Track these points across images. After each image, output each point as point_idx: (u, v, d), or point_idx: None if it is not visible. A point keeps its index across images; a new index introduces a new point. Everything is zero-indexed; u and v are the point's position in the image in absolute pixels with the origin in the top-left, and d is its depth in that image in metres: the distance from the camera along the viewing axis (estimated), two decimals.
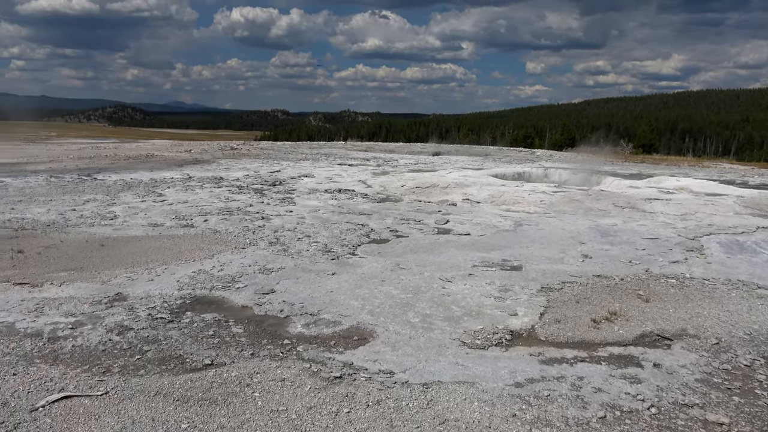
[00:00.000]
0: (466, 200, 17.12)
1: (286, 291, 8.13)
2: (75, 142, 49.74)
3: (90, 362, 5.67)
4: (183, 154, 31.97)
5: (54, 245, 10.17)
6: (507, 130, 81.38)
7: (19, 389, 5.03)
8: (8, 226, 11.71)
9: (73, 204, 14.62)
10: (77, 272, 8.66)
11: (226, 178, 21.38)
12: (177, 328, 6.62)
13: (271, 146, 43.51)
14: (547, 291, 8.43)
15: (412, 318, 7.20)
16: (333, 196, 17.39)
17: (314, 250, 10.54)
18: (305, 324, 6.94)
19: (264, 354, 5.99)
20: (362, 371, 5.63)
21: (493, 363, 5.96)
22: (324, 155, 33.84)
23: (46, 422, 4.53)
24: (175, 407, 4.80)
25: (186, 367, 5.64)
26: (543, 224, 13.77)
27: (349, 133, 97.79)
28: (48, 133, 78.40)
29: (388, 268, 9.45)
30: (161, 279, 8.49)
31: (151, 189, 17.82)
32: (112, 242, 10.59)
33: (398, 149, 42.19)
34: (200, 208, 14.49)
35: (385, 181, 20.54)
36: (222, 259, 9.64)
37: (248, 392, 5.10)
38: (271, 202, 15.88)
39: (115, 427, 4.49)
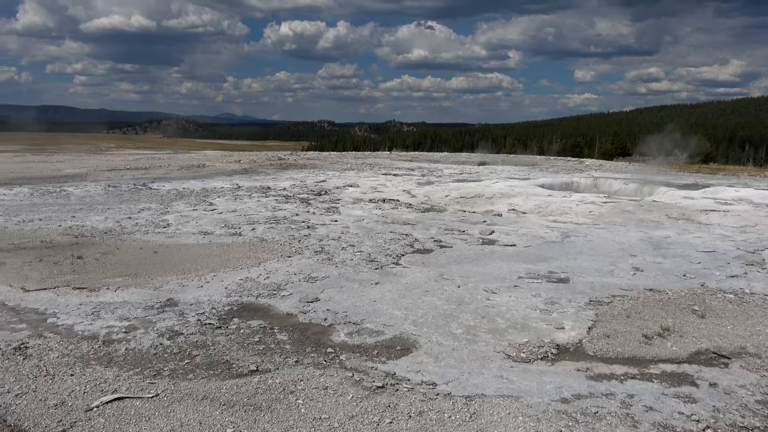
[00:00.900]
0: (512, 210, 16.88)
1: (330, 300, 8.20)
2: (132, 152, 51.96)
3: (142, 365, 5.88)
4: (232, 165, 32.88)
5: (110, 252, 10.62)
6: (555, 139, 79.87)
7: (76, 389, 5.26)
8: (69, 232, 12.31)
9: (129, 212, 15.25)
10: (132, 278, 9.01)
11: (274, 187, 21.83)
12: (224, 334, 6.78)
13: (317, 156, 44.19)
14: (596, 304, 8.19)
15: (455, 329, 7.13)
16: (377, 206, 17.48)
17: (358, 259, 10.61)
18: (348, 333, 6.98)
19: (308, 362, 6.06)
20: (405, 382, 5.61)
21: (539, 377, 5.83)
22: (369, 165, 34.09)
23: (100, 422, 4.71)
24: (221, 412, 4.91)
25: (232, 372, 5.77)
26: (592, 235, 13.42)
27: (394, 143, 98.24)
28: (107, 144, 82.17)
29: (431, 278, 9.41)
30: (210, 286, 8.73)
31: (202, 198, 18.40)
32: (165, 249, 10.97)
33: (443, 159, 42.06)
34: (248, 217, 14.84)
35: (430, 191, 20.50)
36: (268, 267, 9.83)
37: (292, 399, 5.16)
38: (316, 212, 16.11)
39: (164, 429, 4.63)
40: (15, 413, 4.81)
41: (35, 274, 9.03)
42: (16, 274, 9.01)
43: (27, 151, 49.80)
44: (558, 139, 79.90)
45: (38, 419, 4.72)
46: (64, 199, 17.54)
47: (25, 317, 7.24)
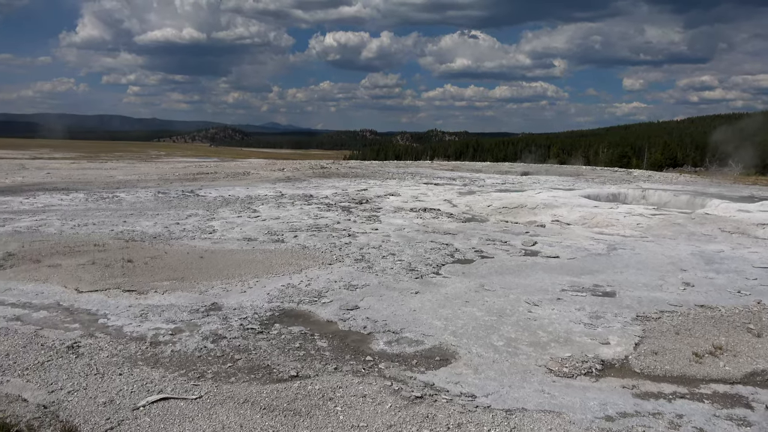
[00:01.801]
0: (556, 222, 16.55)
1: (370, 308, 8.23)
2: (180, 160, 53.64)
3: (186, 367, 6.04)
4: (276, 173, 33.50)
5: (159, 256, 10.97)
6: (601, 149, 77.94)
7: (124, 388, 5.45)
8: (120, 237, 12.79)
9: (177, 218, 15.73)
10: (178, 282, 9.28)
11: (316, 195, 22.12)
12: (266, 339, 6.89)
13: (359, 165, 44.52)
14: (643, 320, 7.92)
15: (496, 341, 7.03)
16: (418, 215, 17.46)
17: (398, 268, 10.61)
18: (388, 341, 6.98)
19: (347, 369, 6.09)
20: (443, 393, 5.56)
21: (582, 393, 5.67)
22: (410, 174, 34.12)
23: (146, 421, 4.86)
24: (261, 415, 4.98)
25: (273, 377, 5.85)
26: (639, 248, 13.01)
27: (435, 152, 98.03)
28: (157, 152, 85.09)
29: (472, 288, 9.32)
30: (253, 291, 8.89)
31: (247, 205, 18.81)
32: (210, 255, 11.25)
33: (485, 169, 41.68)
34: (291, 225, 15.07)
35: (471, 201, 20.34)
36: (310, 274, 9.94)
37: (331, 406, 5.19)
38: (357, 220, 16.21)
39: (206, 430, 4.73)
40: (67, 409, 5.01)
41: (88, 276, 9.42)
42: (71, 276, 9.41)
43: (83, 158, 52.15)
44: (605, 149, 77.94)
45: (88, 416, 4.91)
46: (116, 205, 18.25)
47: (78, 317, 7.55)
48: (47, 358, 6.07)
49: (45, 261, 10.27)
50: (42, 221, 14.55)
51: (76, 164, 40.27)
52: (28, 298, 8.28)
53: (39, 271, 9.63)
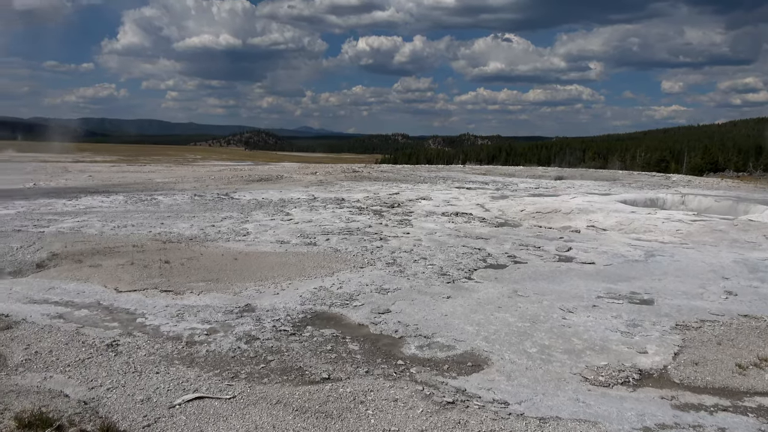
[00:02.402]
0: (591, 227, 16.23)
1: (402, 312, 8.21)
2: (216, 164, 54.70)
3: (221, 367, 6.13)
4: (309, 176, 33.83)
5: (195, 257, 11.19)
6: (638, 153, 76.12)
7: (160, 387, 5.56)
8: (158, 238, 13.11)
9: (212, 220, 16.03)
10: (213, 283, 9.44)
11: (348, 199, 22.24)
12: (298, 341, 6.95)
13: (390, 169, 44.60)
14: (683, 329, 7.69)
15: (529, 348, 6.92)
16: (450, 219, 17.37)
17: (430, 272, 10.57)
18: (419, 346, 6.95)
19: (378, 373, 6.09)
20: (475, 399, 5.51)
21: (619, 403, 5.54)
22: (442, 178, 33.99)
23: (182, 419, 4.95)
24: (293, 417, 5.02)
25: (305, 379, 5.89)
26: (679, 255, 12.64)
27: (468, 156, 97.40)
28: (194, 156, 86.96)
29: (505, 294, 9.21)
30: (286, 293, 8.98)
31: (280, 208, 19.04)
32: (244, 257, 11.42)
33: (518, 173, 41.22)
34: (323, 228, 15.19)
35: (504, 205, 20.13)
36: (341, 278, 9.99)
37: (362, 409, 5.19)
38: (389, 224, 16.23)
39: (240, 430, 4.79)
40: (106, 406, 5.15)
41: (127, 276, 9.67)
42: (110, 275, 9.69)
43: (123, 161, 53.70)
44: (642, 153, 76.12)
45: (126, 413, 5.03)
46: (154, 207, 18.72)
47: (117, 316, 7.76)
48: (88, 355, 6.25)
49: (86, 261, 10.60)
50: (84, 222, 15.02)
51: (116, 167, 41.50)
52: (71, 296, 8.56)
53: (81, 271, 9.94)
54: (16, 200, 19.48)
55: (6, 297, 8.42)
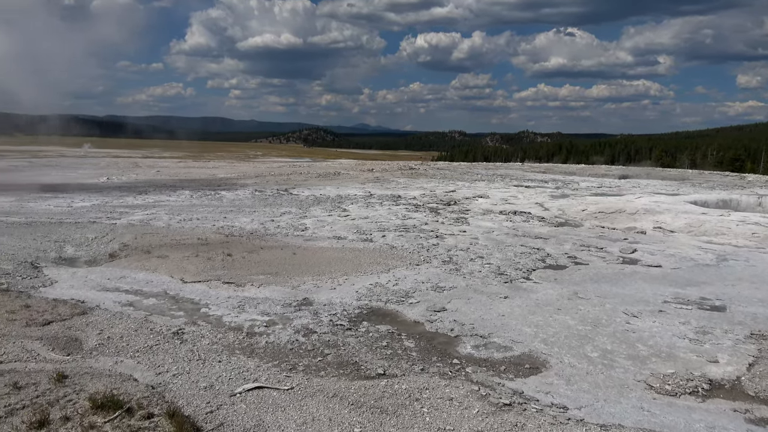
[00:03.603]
0: (658, 228, 15.54)
1: (457, 310, 8.14)
2: (276, 160, 56.06)
3: (279, 358, 6.28)
4: (366, 173, 34.09)
5: (255, 251, 11.51)
6: (710, 151, 72.15)
7: (222, 375, 5.76)
8: (221, 232, 13.57)
9: (272, 215, 16.44)
10: (273, 276, 9.68)
11: (404, 196, 22.26)
12: (354, 336, 7.02)
13: (447, 167, 44.30)
14: (759, 338, 7.23)
15: (590, 352, 6.71)
16: (508, 218, 17.07)
17: (487, 271, 10.42)
18: (475, 346, 6.87)
19: (433, 371, 6.06)
20: (533, 402, 5.39)
21: (686, 414, 5.27)
22: (500, 176, 33.45)
23: (242, 408, 5.11)
24: (349, 411, 5.07)
25: (361, 373, 5.95)
26: (755, 260, 11.90)
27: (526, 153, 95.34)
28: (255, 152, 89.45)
29: (564, 296, 8.96)
30: (342, 288, 9.10)
31: (337, 204, 19.29)
32: (302, 251, 11.65)
33: (579, 171, 40.00)
34: (379, 224, 15.27)
35: (564, 205, 19.58)
36: (397, 274, 10.01)
37: (417, 407, 5.18)
38: (445, 222, 16.12)
39: (297, 421, 4.89)
40: (172, 391, 5.37)
41: (192, 267, 10.06)
42: (177, 266, 10.11)
43: (189, 157, 55.90)
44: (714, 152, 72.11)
45: (190, 399, 5.23)
46: (217, 202, 19.39)
47: (183, 306, 8.09)
48: (155, 342, 6.56)
49: (154, 252, 11.11)
50: (152, 215, 15.75)
51: (182, 163, 43.26)
52: (140, 285, 9.00)
53: (149, 261, 10.42)
54: (91, 194, 20.68)
55: (82, 284, 8.95)
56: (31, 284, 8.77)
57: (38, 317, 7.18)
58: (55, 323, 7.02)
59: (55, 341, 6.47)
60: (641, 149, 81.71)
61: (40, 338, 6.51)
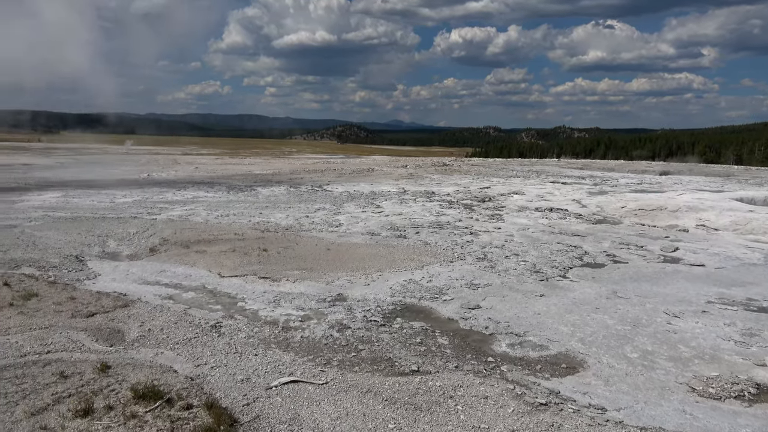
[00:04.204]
0: (701, 226, 15.04)
1: (492, 308, 8.06)
2: (310, 157, 56.56)
3: (314, 353, 6.34)
4: (399, 170, 34.07)
5: (290, 246, 11.65)
6: (757, 147, 69.37)
7: (259, 368, 5.85)
8: (257, 227, 13.78)
9: (306, 211, 16.60)
10: (307, 272, 9.78)
11: (438, 192, 22.15)
12: (388, 332, 7.03)
13: (481, 163, 43.88)
14: None
15: (629, 352, 6.54)
16: (544, 215, 16.81)
17: (522, 269, 10.29)
18: (510, 344, 6.79)
19: (468, 368, 6.02)
20: (570, 402, 5.29)
21: (731, 418, 5.09)
22: (535, 172, 32.95)
23: (278, 401, 5.17)
24: (383, 406, 5.08)
25: (394, 370, 5.95)
26: None
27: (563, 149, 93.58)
28: (289, 149, 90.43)
29: (603, 295, 8.77)
30: (376, 284, 9.12)
31: (371, 201, 19.34)
32: (336, 247, 11.72)
33: (618, 167, 39.05)
34: (413, 221, 15.24)
35: (603, 202, 19.15)
36: (431, 271, 9.98)
37: (451, 404, 5.16)
38: (479, 218, 15.98)
39: (332, 415, 4.93)
40: (210, 383, 5.49)
41: (229, 262, 10.25)
42: (214, 261, 10.31)
43: (225, 154, 56.93)
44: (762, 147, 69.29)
45: (228, 391, 5.33)
46: (253, 198, 19.69)
47: (220, 300, 8.25)
48: (194, 334, 6.70)
49: (193, 247, 11.36)
50: (191, 211, 16.11)
51: (219, 160, 44.08)
52: (179, 279, 9.21)
53: (188, 256, 10.66)
54: (133, 189, 21.28)
55: (124, 277, 9.23)
56: (76, 277, 9.08)
57: (83, 309, 7.44)
58: (99, 315, 7.26)
59: (99, 332, 6.69)
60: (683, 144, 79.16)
61: (84, 329, 6.74)
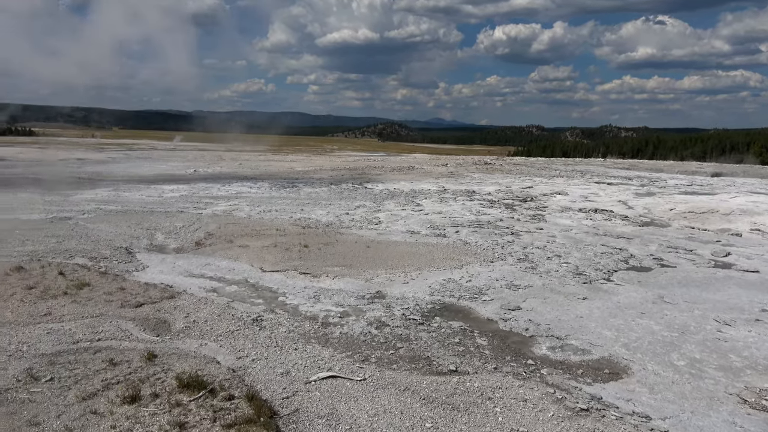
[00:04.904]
0: (756, 230, 14.40)
1: (533, 310, 7.94)
2: (351, 154, 56.92)
3: (353, 349, 6.39)
4: (439, 168, 33.91)
5: (330, 243, 11.76)
6: None
7: (298, 362, 5.93)
8: (298, 223, 13.97)
9: (346, 208, 16.73)
10: (347, 268, 9.85)
11: (479, 191, 21.94)
12: (426, 331, 7.01)
13: (524, 162, 43.22)
14: None
15: (676, 360, 6.33)
16: (588, 216, 16.42)
17: (564, 271, 10.09)
18: (551, 347, 6.68)
19: (507, 370, 5.95)
20: (612, 408, 5.16)
21: None
22: (579, 172, 32.22)
23: (316, 395, 5.24)
24: (421, 405, 5.08)
25: (432, 369, 5.93)
26: None
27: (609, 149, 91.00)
28: (331, 146, 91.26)
29: (649, 299, 8.51)
30: (415, 283, 9.11)
31: (411, 199, 19.33)
32: (376, 245, 11.77)
33: (668, 168, 37.78)
34: (452, 220, 15.15)
35: (650, 203, 18.57)
36: (470, 271, 9.90)
37: (489, 405, 5.11)
38: (521, 218, 15.75)
39: (369, 411, 4.96)
40: (251, 375, 5.61)
41: (271, 257, 10.43)
42: (257, 256, 10.51)
43: (268, 151, 57.92)
44: None
45: (268, 383, 5.44)
46: (295, 194, 19.98)
47: (262, 294, 8.41)
48: (236, 327, 6.86)
49: (236, 241, 11.61)
50: (234, 206, 16.47)
51: (263, 156, 44.89)
52: (223, 273, 9.44)
53: (231, 250, 10.91)
54: (180, 184, 21.91)
55: (171, 270, 9.52)
56: (126, 268, 9.42)
57: (131, 299, 7.72)
58: (147, 305, 7.52)
59: (146, 322, 6.93)
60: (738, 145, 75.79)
61: (133, 319, 6.99)
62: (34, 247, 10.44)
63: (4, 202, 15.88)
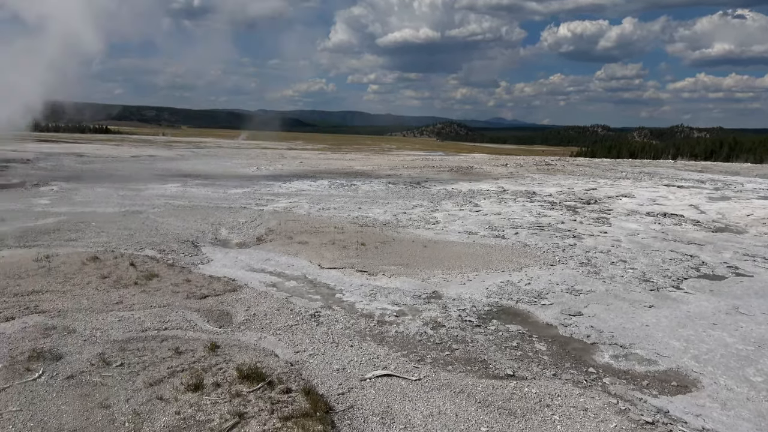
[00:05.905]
0: None
1: (595, 316, 7.66)
2: (409, 153, 56.95)
3: (408, 349, 6.38)
4: (499, 168, 33.36)
5: (387, 242, 11.80)
6: None
7: (354, 359, 5.98)
8: (356, 222, 14.10)
9: (404, 207, 16.73)
10: (403, 268, 9.85)
11: (539, 193, 21.42)
12: (483, 334, 6.91)
13: (587, 163, 41.88)
14: None
15: (752, 375, 5.94)
16: (656, 220, 15.70)
17: (629, 276, 9.68)
18: (614, 355, 6.42)
19: (566, 377, 5.77)
20: (680, 423, 4.90)
21: None
22: (647, 174, 30.88)
23: (371, 393, 5.26)
24: (476, 408, 5.01)
25: (489, 372, 5.84)
26: None
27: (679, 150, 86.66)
28: (389, 145, 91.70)
29: (722, 310, 8.03)
30: (472, 284, 8.99)
31: (468, 199, 19.11)
32: (433, 245, 11.70)
33: (744, 171, 35.62)
34: (511, 221, 14.86)
35: (725, 208, 17.54)
36: (530, 273, 9.67)
37: (547, 413, 4.97)
38: (584, 221, 15.25)
39: (424, 412, 4.93)
40: (308, 370, 5.70)
41: (329, 254, 10.58)
42: (315, 252, 10.69)
43: (328, 149, 58.89)
44: None
45: (324, 379, 5.51)
46: (353, 192, 20.18)
47: (320, 290, 8.54)
48: (295, 322, 7.00)
49: (296, 238, 11.85)
50: (294, 203, 16.82)
51: (322, 155, 45.65)
52: (282, 268, 9.65)
53: (291, 246, 11.14)
54: (243, 182, 22.61)
55: (233, 264, 9.83)
56: (191, 261, 9.80)
57: (196, 291, 8.02)
58: (210, 297, 7.79)
59: (210, 314, 7.18)
60: None
61: (197, 310, 7.26)
62: (108, 239, 11.04)
63: (84, 195, 16.89)
